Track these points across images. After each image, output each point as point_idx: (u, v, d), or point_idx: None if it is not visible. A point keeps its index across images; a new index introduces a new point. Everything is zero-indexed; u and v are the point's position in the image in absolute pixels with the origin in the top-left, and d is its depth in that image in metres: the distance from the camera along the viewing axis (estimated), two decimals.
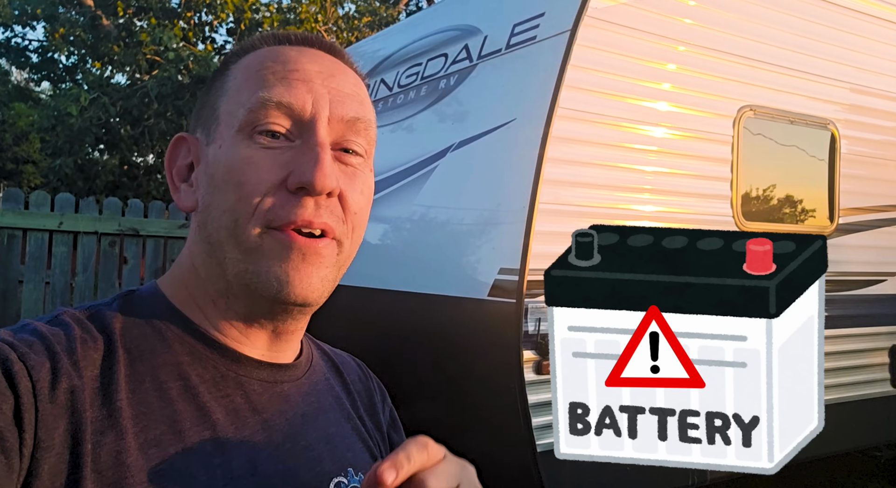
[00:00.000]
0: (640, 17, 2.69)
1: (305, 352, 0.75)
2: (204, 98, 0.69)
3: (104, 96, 7.49)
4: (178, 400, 0.60)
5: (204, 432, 0.60)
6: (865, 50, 3.42)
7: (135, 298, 0.67)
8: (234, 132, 0.62)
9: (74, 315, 0.62)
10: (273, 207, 0.60)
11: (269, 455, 0.63)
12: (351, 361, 0.85)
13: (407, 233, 3.05)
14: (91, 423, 0.55)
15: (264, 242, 0.61)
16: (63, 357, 0.56)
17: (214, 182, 0.63)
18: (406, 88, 3.36)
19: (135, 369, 0.60)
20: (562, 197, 2.50)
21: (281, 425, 0.65)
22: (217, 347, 0.65)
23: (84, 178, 8.04)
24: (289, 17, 8.21)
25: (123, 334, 0.62)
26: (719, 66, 2.92)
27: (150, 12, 8.14)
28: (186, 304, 0.66)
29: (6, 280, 4.61)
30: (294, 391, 0.69)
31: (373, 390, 0.83)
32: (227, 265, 0.63)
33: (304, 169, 0.60)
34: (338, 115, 0.63)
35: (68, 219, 4.74)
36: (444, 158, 2.88)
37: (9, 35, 11.14)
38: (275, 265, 0.61)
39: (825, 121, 3.26)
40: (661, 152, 2.76)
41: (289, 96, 0.62)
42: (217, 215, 0.62)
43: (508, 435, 2.47)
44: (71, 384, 0.55)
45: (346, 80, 0.66)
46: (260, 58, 0.65)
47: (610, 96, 2.62)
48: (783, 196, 3.18)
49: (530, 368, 2.43)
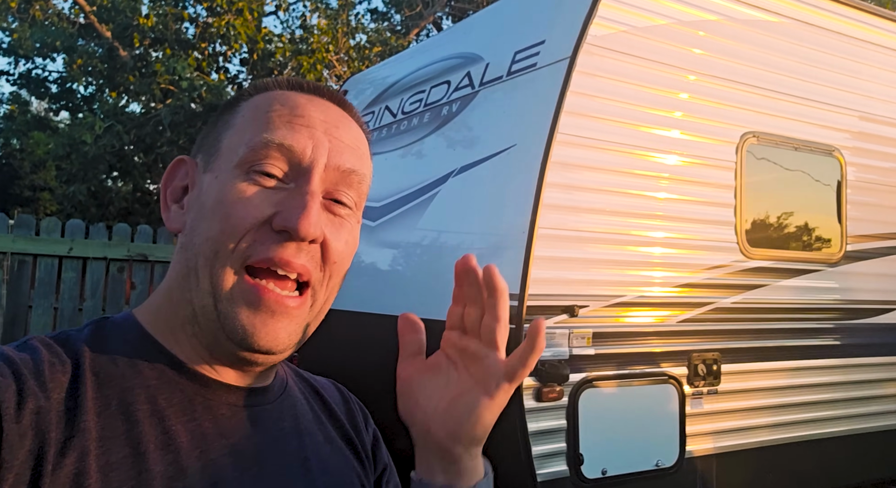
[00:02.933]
0: (642, 44, 2.71)
1: (280, 376, 0.74)
2: (210, 128, 0.70)
3: (118, 124, 7.62)
4: (143, 423, 0.60)
5: (167, 456, 0.59)
6: (871, 78, 3.42)
7: (108, 325, 0.67)
8: (233, 167, 0.63)
9: (44, 340, 0.63)
10: (254, 243, 0.61)
11: (233, 479, 0.62)
12: (330, 385, 0.85)
13: (408, 257, 3.05)
14: (54, 444, 0.54)
15: (236, 290, 0.61)
16: (30, 379, 0.56)
17: (204, 210, 0.64)
18: (409, 115, 3.39)
19: (102, 392, 0.60)
20: (562, 222, 2.49)
21: (249, 449, 0.65)
22: (186, 372, 0.65)
23: (97, 205, 8.14)
24: (301, 47, 8.36)
25: (92, 358, 0.62)
26: (723, 93, 2.92)
27: (166, 43, 8.32)
28: (159, 330, 0.66)
29: (16, 305, 4.65)
30: (265, 415, 0.68)
31: (354, 412, 0.83)
32: (196, 295, 0.63)
33: (291, 213, 0.61)
34: (334, 164, 0.65)
35: (78, 245, 4.79)
36: (446, 183, 2.89)
37: (30, 66, 11.40)
38: (242, 313, 0.62)
39: (831, 147, 3.24)
40: (661, 177, 2.75)
41: (290, 139, 0.63)
42: (199, 241, 0.63)
43: (508, 463, 2.43)
44: (37, 405, 0.55)
45: (349, 133, 0.68)
46: (269, 99, 0.67)
47: (610, 122, 2.62)
48: (789, 223, 3.15)
49: (530, 395, 2.40)
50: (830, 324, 3.18)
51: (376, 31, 10.08)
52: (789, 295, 3.06)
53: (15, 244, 4.61)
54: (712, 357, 2.80)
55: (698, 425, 2.76)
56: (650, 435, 2.66)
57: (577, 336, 2.50)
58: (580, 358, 2.49)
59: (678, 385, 2.71)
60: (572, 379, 2.46)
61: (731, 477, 2.84)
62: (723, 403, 2.83)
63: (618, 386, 2.60)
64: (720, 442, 2.83)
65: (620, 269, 2.63)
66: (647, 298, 2.68)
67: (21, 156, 11.55)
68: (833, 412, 3.16)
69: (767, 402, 2.98)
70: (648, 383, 2.67)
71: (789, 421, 3.04)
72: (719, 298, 2.84)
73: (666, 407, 2.70)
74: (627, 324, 2.64)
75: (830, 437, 3.13)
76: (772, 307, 3.00)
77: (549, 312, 2.45)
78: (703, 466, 2.76)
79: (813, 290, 3.14)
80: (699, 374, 2.76)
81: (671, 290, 2.73)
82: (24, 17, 9.26)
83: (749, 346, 2.93)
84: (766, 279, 2.99)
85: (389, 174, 3.31)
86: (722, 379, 2.81)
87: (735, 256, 2.90)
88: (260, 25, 8.70)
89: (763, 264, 2.98)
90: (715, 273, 2.85)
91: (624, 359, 2.61)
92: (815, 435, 3.10)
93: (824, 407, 3.14)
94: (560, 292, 2.47)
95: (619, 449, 2.58)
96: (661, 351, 2.71)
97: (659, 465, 2.63)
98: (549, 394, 2.40)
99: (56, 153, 7.90)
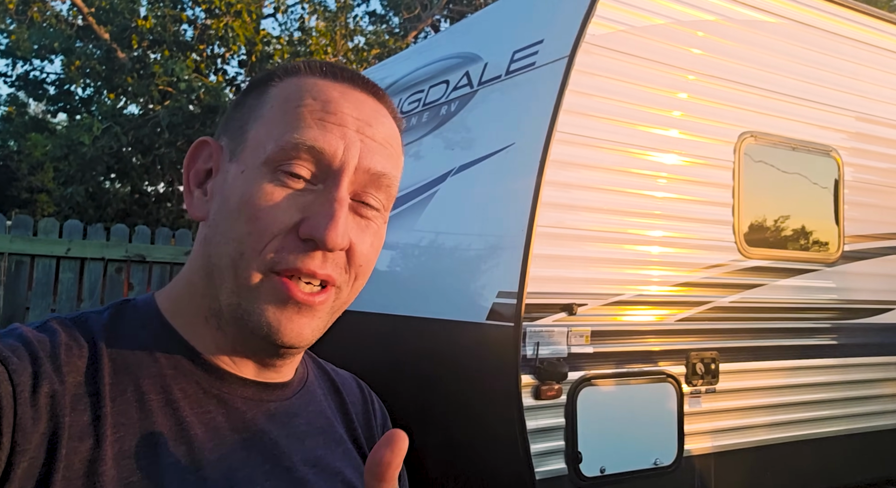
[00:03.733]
0: (640, 43, 2.72)
1: (300, 372, 0.74)
2: (236, 110, 0.68)
3: (116, 126, 7.62)
4: (157, 412, 0.59)
5: (180, 447, 0.59)
6: (869, 79, 3.44)
7: (128, 308, 0.67)
8: (260, 164, 0.62)
9: (63, 322, 0.62)
10: (280, 251, 0.60)
11: (246, 474, 0.62)
12: (352, 381, 0.83)
13: (407, 257, 3.05)
14: (68, 429, 0.54)
15: (263, 287, 0.61)
16: (46, 362, 0.56)
17: (229, 205, 0.63)
18: (408, 115, 3.39)
19: (118, 378, 0.60)
20: (560, 220, 2.50)
21: (263, 445, 0.64)
22: (201, 363, 0.64)
23: (95, 206, 8.13)
24: (299, 49, 8.36)
25: (110, 343, 0.62)
26: (721, 93, 2.93)
27: (164, 45, 8.32)
28: (178, 319, 0.66)
29: (13, 306, 4.63)
30: (281, 411, 0.68)
31: (371, 413, 0.81)
32: (222, 293, 0.63)
33: (318, 222, 0.60)
34: (365, 166, 0.63)
35: (76, 246, 4.78)
36: (445, 183, 2.89)
37: (28, 68, 11.40)
38: (269, 310, 0.61)
39: (828, 148, 3.25)
40: (659, 177, 2.76)
41: (322, 142, 0.61)
42: (224, 240, 0.62)
43: (506, 461, 2.43)
44: (52, 388, 0.55)
45: (382, 130, 0.66)
46: (300, 90, 0.64)
47: (609, 121, 2.63)
48: (787, 223, 3.16)
49: (529, 393, 2.40)
50: (828, 323, 3.19)
51: (374, 34, 10.09)
52: (787, 294, 3.07)
53: (12, 245, 4.59)
54: (710, 356, 2.80)
55: (696, 424, 2.76)
56: (648, 434, 2.66)
57: (575, 334, 2.50)
58: (579, 356, 2.50)
59: (676, 384, 2.72)
60: (571, 378, 2.46)
61: (729, 476, 2.84)
62: (721, 402, 2.84)
63: (616, 384, 2.60)
64: (718, 440, 2.83)
65: (619, 268, 2.63)
66: (646, 297, 2.68)
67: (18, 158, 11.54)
68: (830, 411, 3.17)
69: (765, 401, 2.99)
70: (647, 382, 2.67)
71: (787, 420, 3.05)
72: (717, 297, 2.85)
73: (664, 406, 2.70)
74: (626, 323, 2.64)
75: (828, 437, 3.13)
76: (769, 306, 3.01)
77: (548, 310, 2.45)
78: (701, 465, 2.77)
79: (810, 290, 3.15)
80: (697, 373, 2.76)
81: (669, 289, 2.74)
82: (22, 18, 9.25)
83: (747, 345, 2.94)
84: (763, 278, 2.99)
85: None
86: (720, 378, 2.82)
87: (733, 255, 2.91)
88: (258, 27, 8.72)
89: (761, 264, 2.99)
90: (713, 272, 2.86)
91: (622, 358, 2.62)
92: (812, 435, 3.10)
93: (822, 407, 3.15)
94: (559, 290, 2.48)
95: (618, 448, 2.58)
96: (660, 349, 2.72)
97: (657, 464, 2.63)
98: (548, 392, 2.40)
99: (54, 154, 7.90)
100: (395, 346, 2.91)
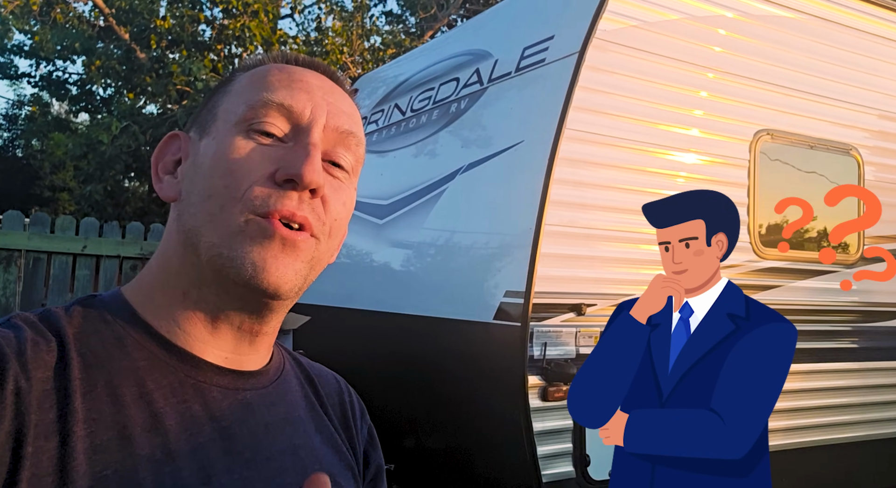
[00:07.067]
0: (653, 39, 2.67)
1: (276, 360, 0.73)
2: (205, 103, 0.71)
3: (135, 125, 7.69)
4: (130, 405, 0.58)
5: (155, 439, 0.57)
6: (891, 75, 3.35)
7: (95, 303, 0.66)
8: (231, 126, 0.63)
9: (27, 318, 0.61)
10: (258, 195, 0.61)
11: (224, 464, 0.60)
12: (329, 375, 0.83)
13: (415, 255, 3.02)
14: (34, 427, 0.53)
15: (248, 227, 0.61)
16: (11, 358, 0.55)
17: (202, 169, 0.63)
18: (418, 112, 3.37)
19: (88, 373, 0.58)
20: (570, 219, 2.46)
21: (240, 434, 0.63)
22: (176, 352, 0.63)
23: (114, 205, 8.22)
24: (315, 49, 8.39)
25: (78, 338, 0.60)
26: (736, 90, 2.87)
27: (182, 45, 8.39)
28: (149, 308, 0.65)
29: (30, 302, 4.69)
30: (258, 399, 0.67)
31: (348, 405, 0.80)
32: (201, 250, 0.62)
33: (293, 162, 0.62)
34: (333, 124, 0.66)
35: (92, 243, 4.83)
36: (454, 181, 2.86)
37: (50, 69, 11.58)
38: (253, 250, 0.61)
39: (848, 146, 3.17)
40: (671, 175, 2.70)
41: (290, 99, 0.64)
42: (200, 200, 0.62)
43: (513, 463, 2.40)
44: (17, 386, 0.54)
45: (344, 100, 0.70)
46: (267, 68, 0.68)
47: (619, 118, 2.58)
48: (804, 223, 3.08)
49: (536, 394, 2.36)
50: (847, 326, 3.11)
51: (391, 33, 10.10)
52: (804, 296, 2.99)
53: (30, 242, 4.65)
54: None
55: None
56: None
57: (584, 335, 2.46)
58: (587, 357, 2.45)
59: None
60: None
61: None
62: None
63: None
64: None
65: (631, 268, 2.59)
66: None
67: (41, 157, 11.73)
68: (850, 416, 3.09)
69: (782, 405, 2.90)
70: None
71: (804, 425, 2.97)
72: None
73: None
74: None
75: (846, 442, 3.05)
76: (786, 308, 2.93)
77: (556, 311, 2.41)
78: None
79: (829, 292, 3.07)
80: None
81: None
82: (45, 20, 9.39)
83: None
84: (780, 280, 2.93)
85: (397, 172, 3.29)
86: None
87: (748, 256, 2.85)
88: (275, 27, 8.76)
89: (777, 264, 2.92)
90: (727, 273, 2.78)
91: None
92: (830, 440, 3.02)
93: (841, 412, 3.07)
94: (567, 290, 2.44)
95: None
96: None
97: None
98: (556, 394, 2.36)
99: (74, 153, 8.00)
100: (402, 345, 2.89)
